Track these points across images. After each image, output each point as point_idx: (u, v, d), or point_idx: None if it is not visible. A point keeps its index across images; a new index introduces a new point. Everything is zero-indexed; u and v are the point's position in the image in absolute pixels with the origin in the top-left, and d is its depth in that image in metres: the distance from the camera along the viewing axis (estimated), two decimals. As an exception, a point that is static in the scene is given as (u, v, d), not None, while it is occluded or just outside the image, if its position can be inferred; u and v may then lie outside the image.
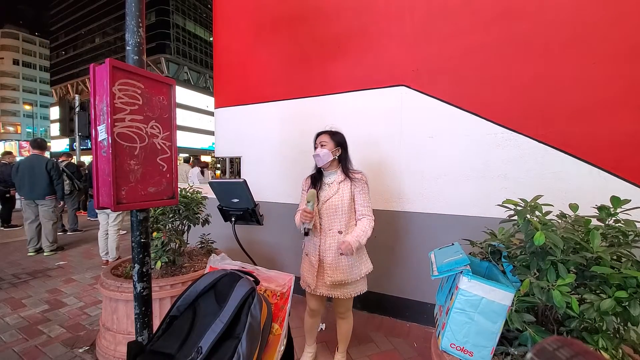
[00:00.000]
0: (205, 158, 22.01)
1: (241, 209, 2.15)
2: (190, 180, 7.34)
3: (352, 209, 1.95)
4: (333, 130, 2.02)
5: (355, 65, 2.97)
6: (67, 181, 6.37)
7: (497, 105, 2.43)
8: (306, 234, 1.90)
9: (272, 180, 3.47)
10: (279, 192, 3.43)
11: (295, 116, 3.30)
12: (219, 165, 22.60)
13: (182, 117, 34.00)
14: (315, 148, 1.98)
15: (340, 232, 1.91)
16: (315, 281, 1.94)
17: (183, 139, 34.48)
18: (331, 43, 3.09)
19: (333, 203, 1.91)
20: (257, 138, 3.56)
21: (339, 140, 1.99)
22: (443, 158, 2.63)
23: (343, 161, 2.01)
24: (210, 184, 2.16)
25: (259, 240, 3.57)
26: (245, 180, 2.07)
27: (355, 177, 1.96)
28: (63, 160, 6.71)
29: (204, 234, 2.91)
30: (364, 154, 2.83)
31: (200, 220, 2.73)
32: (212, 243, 2.89)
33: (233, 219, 2.19)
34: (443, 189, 2.64)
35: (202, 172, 7.83)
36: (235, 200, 2.15)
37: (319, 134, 2.02)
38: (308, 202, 1.86)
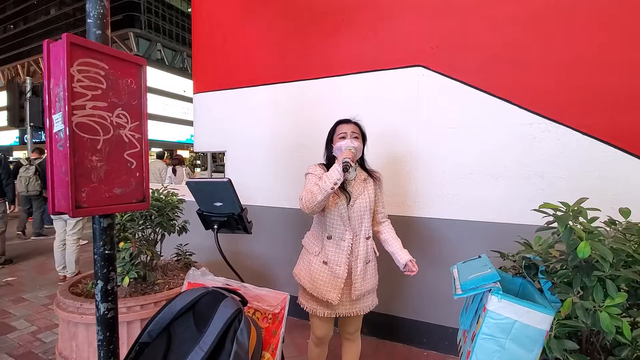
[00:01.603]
0: (183, 153, 22.01)
1: (225, 214, 2.15)
2: (167, 180, 7.36)
3: (372, 211, 2.07)
4: (359, 122, 2.07)
5: (363, 41, 2.97)
6: (39, 181, 6.50)
7: (533, 90, 2.43)
8: (346, 169, 1.80)
9: (262, 180, 3.47)
10: (271, 194, 3.43)
11: (290, 102, 3.30)
12: (198, 162, 22.61)
13: (154, 104, 34.01)
14: (342, 138, 1.98)
15: (368, 238, 2.01)
16: (340, 297, 1.94)
17: (156, 131, 34.52)
18: (334, 15, 3.09)
19: (362, 204, 1.98)
20: (245, 129, 3.56)
21: (364, 134, 2.07)
22: (468, 153, 2.63)
23: (361, 157, 2.11)
24: (188, 184, 2.15)
25: (247, 252, 3.57)
26: (230, 180, 2.07)
27: (376, 176, 2.10)
28: (36, 158, 6.81)
29: (181, 245, 2.91)
30: (374, 148, 2.82)
31: (177, 227, 2.72)
32: (190, 255, 2.88)
33: (216, 227, 2.19)
34: (468, 190, 2.64)
35: (174, 171, 7.79)
36: (219, 203, 2.15)
37: (345, 122, 2.05)
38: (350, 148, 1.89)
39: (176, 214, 2.72)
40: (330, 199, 1.94)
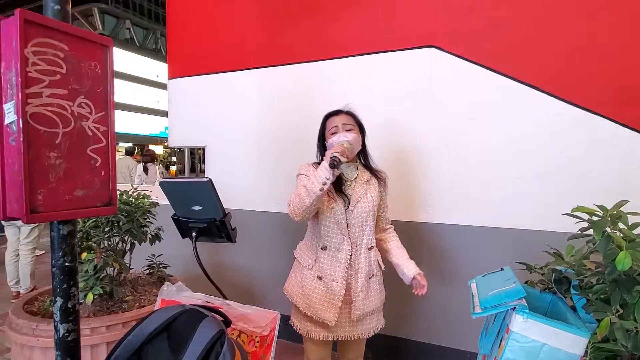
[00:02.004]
0: (156, 149, 21.92)
1: (205, 220, 2.16)
2: (137, 180, 7.35)
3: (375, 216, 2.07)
4: (352, 111, 2.09)
5: (367, 19, 2.97)
6: None
7: (565, 75, 2.44)
8: (333, 165, 1.71)
9: (248, 179, 3.47)
10: (258, 197, 3.43)
11: (281, 89, 3.29)
12: (174, 159, 22.52)
13: (122, 92, 33.84)
14: (333, 133, 1.98)
15: (370, 249, 1.99)
16: (337, 316, 1.94)
17: (124, 122, 34.35)
18: (332, -12, 3.08)
19: (364, 209, 1.96)
20: (228, 120, 3.56)
21: (361, 125, 2.08)
22: (488, 149, 2.64)
23: (363, 154, 2.11)
24: (162, 184, 2.15)
25: (231, 264, 3.56)
26: (210, 180, 2.07)
27: (382, 177, 2.11)
28: None
29: (154, 255, 2.89)
30: (377, 142, 2.81)
31: (149, 235, 2.71)
32: (164, 267, 2.87)
33: (194, 234, 2.20)
34: (488, 192, 2.65)
35: (146, 169, 7.77)
36: (197, 207, 2.16)
37: (335, 114, 2.06)
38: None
39: (148, 220, 2.71)
40: (325, 203, 1.93)
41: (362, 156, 2.10)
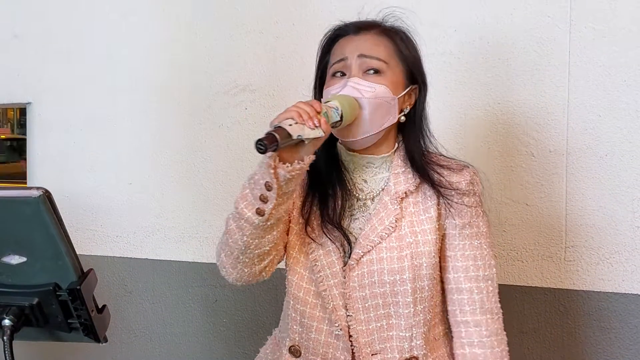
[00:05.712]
0: None
1: (34, 289, 1.26)
2: None
3: (439, 280, 1.12)
4: (390, 24, 1.14)
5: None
6: None
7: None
8: (262, 148, 0.89)
9: (136, 190, 2.20)
10: (161, 229, 2.16)
11: None
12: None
13: None
14: (334, 75, 1.11)
15: None
16: None
17: None
18: None
19: (384, 266, 1.04)
20: (85, 51, 2.30)
21: (412, 62, 1.12)
22: None
23: (413, 130, 1.14)
24: None
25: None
26: (45, 194, 1.15)
27: (454, 186, 1.09)
28: None
29: None
30: (475, 130, 1.79)
31: None
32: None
33: (7, 323, 1.19)
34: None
35: None
36: (15, 259, 1.26)
37: (347, 30, 1.13)
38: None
39: None
40: (297, 244, 1.13)
41: (409, 134, 1.13)
